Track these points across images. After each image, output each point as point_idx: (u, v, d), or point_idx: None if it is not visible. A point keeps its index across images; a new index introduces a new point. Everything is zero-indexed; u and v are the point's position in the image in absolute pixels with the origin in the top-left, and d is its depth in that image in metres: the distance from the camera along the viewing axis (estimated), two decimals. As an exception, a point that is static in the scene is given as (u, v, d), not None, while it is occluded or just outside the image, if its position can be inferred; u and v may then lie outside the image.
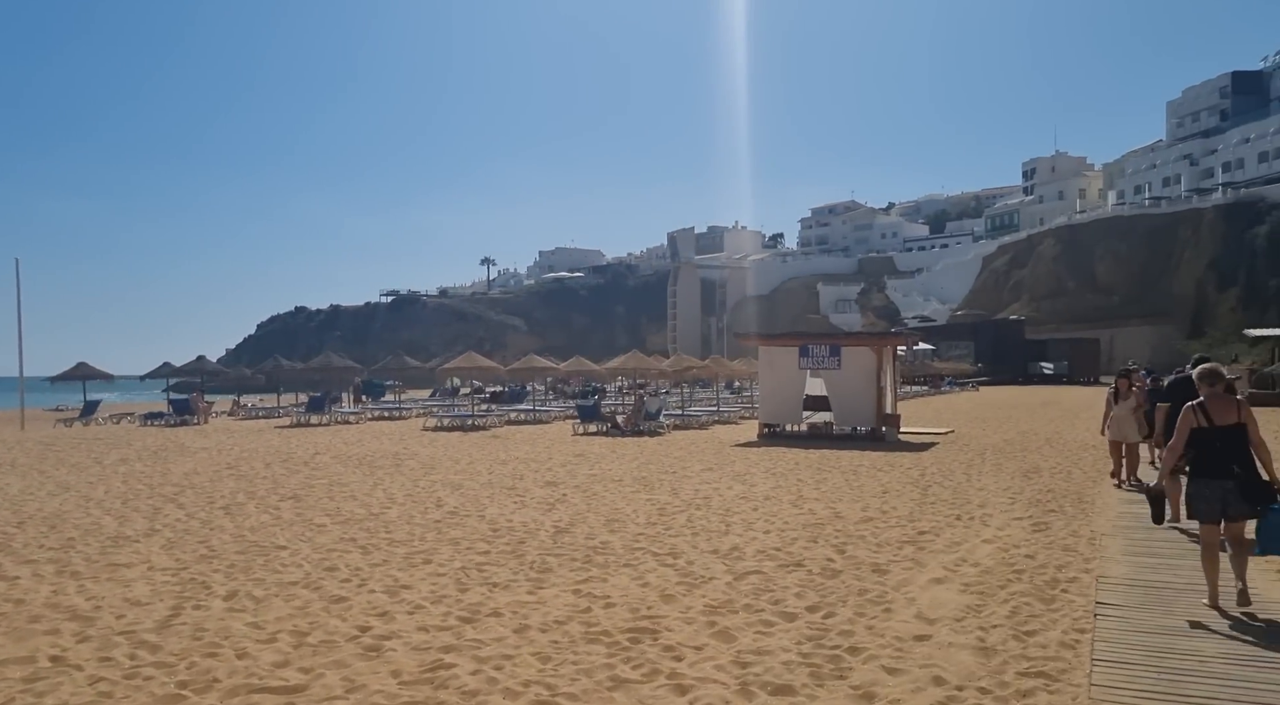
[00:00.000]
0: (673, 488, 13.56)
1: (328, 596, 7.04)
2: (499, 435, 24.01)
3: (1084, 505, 11.58)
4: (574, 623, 6.35)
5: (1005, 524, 10.24)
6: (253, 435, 24.73)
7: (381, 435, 24.41)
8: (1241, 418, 6.49)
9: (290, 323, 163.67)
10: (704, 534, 9.72)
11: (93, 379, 32.05)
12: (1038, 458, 17.70)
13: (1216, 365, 6.96)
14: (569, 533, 9.82)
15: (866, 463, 17.05)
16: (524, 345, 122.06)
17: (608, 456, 18.43)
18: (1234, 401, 6.60)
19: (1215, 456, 6.44)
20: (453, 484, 14.09)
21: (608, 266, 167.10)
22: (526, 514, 11.11)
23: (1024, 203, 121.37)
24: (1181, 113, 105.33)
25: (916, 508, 11.50)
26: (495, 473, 15.60)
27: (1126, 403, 13.20)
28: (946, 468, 16.10)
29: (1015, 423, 28.36)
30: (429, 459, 18.06)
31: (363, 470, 16.10)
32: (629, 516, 10.88)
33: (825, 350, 22.42)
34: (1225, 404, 6.56)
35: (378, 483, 14.27)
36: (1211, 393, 6.64)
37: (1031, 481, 14.09)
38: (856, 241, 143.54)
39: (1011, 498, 12.28)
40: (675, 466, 16.57)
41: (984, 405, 40.58)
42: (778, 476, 14.91)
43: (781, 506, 11.68)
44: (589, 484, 14.01)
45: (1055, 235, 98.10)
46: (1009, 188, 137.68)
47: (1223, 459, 6.41)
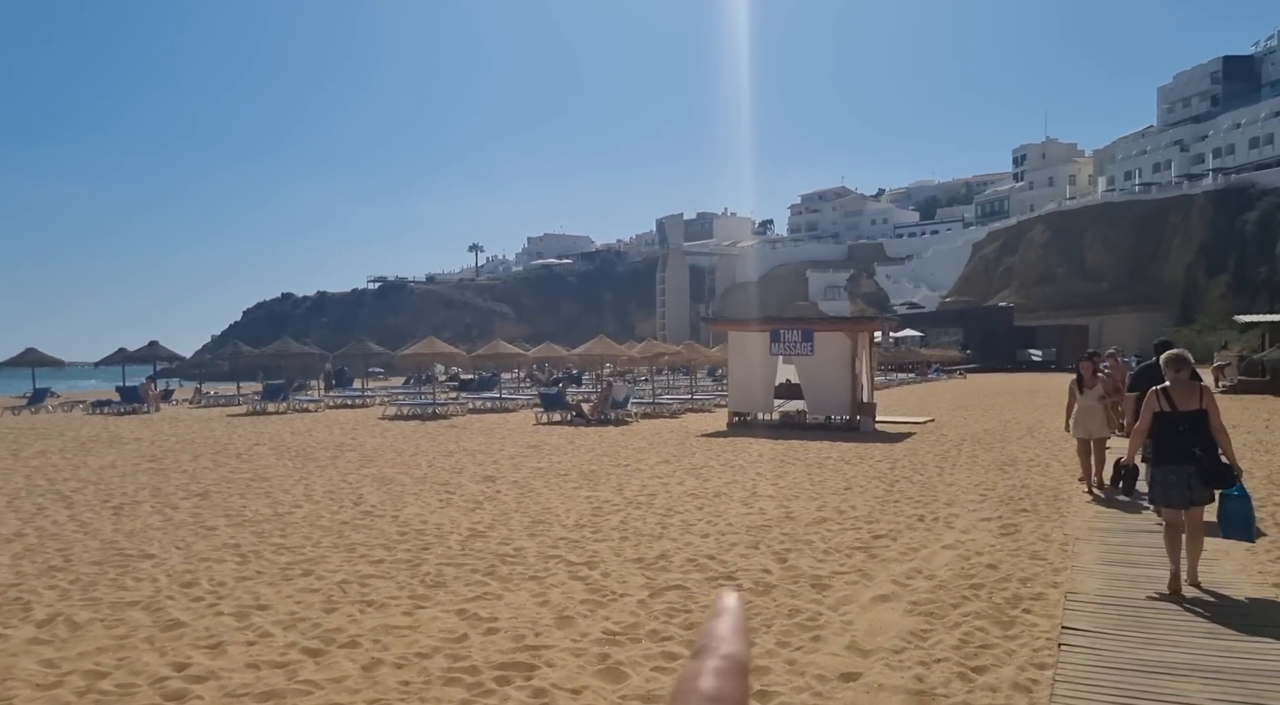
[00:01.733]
0: (619, 483, 12.56)
1: (163, 622, 5.99)
2: (457, 425, 22.96)
3: (1059, 504, 10.61)
4: (440, 656, 5.33)
5: (971, 526, 9.25)
6: (200, 424, 23.63)
7: (335, 424, 23.34)
8: (1203, 404, 6.56)
9: (277, 310, 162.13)
10: (634, 538, 8.71)
11: (42, 366, 30.87)
12: (1016, 449, 16.75)
13: (1182, 351, 6.94)
14: (484, 536, 8.80)
15: (835, 455, 16.07)
16: (512, 332, 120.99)
17: (563, 448, 17.41)
18: (1197, 387, 6.66)
19: (1178, 441, 6.52)
20: (383, 478, 13.06)
21: (596, 253, 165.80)
22: (446, 514, 10.09)
23: (1014, 189, 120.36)
24: (1172, 98, 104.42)
25: (877, 506, 10.51)
26: (435, 466, 14.57)
27: (1093, 391, 11.49)
28: (919, 460, 15.14)
29: (998, 411, 27.43)
30: (372, 450, 17.02)
31: (296, 463, 15.05)
32: (558, 517, 9.87)
33: (797, 335, 21.40)
34: (1188, 390, 6.63)
35: (304, 477, 13.23)
36: (1176, 378, 6.69)
37: (1006, 476, 13.12)
38: (846, 228, 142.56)
39: (982, 495, 11.31)
40: (631, 459, 15.58)
41: (969, 393, 39.67)
42: (736, 470, 13.92)
43: (730, 505, 10.68)
44: (530, 479, 12.99)
45: (1045, 222, 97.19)
46: (999, 174, 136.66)
47: (1186, 444, 6.49)
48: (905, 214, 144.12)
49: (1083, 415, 11.46)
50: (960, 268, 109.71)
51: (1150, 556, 7.61)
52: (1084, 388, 11.53)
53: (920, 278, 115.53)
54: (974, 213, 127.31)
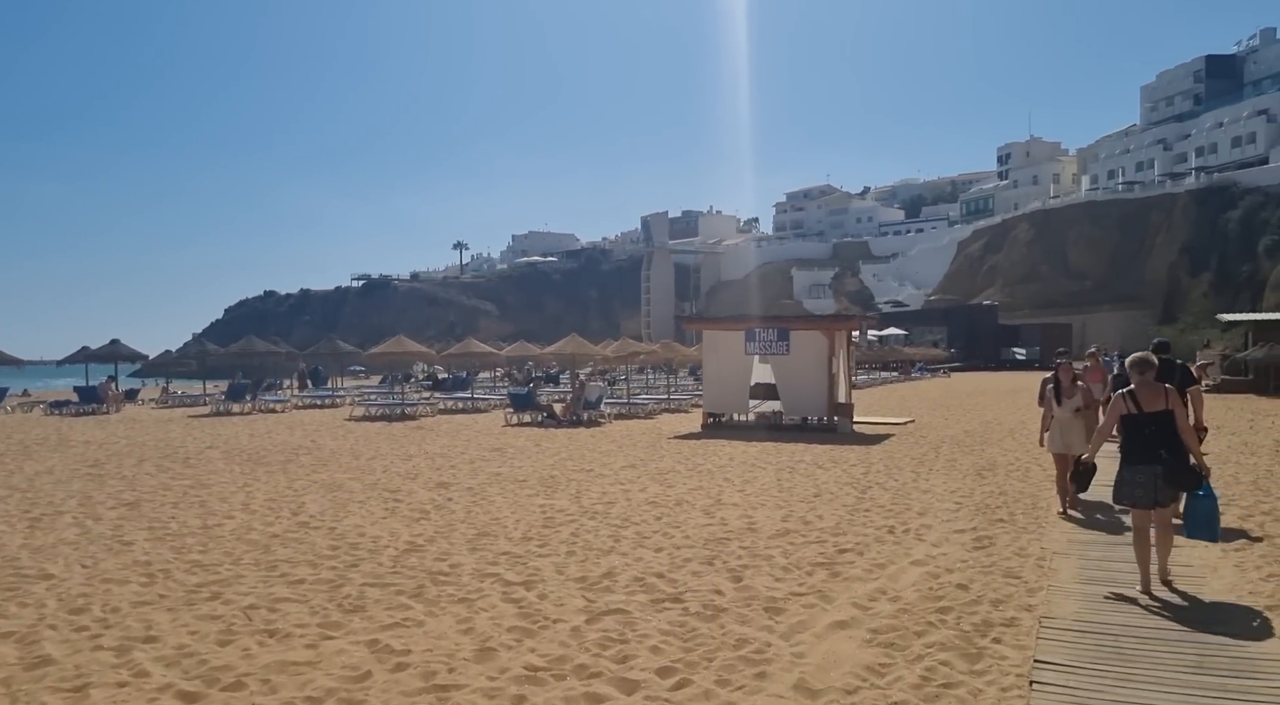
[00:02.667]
0: (578, 490, 11.95)
1: (30, 659, 5.34)
2: (425, 426, 22.28)
3: (1038, 513, 10.06)
4: (332, 700, 4.71)
5: (943, 538, 8.69)
6: (158, 426, 22.85)
7: (299, 426, 22.62)
8: (1169, 404, 6.63)
9: (259, 307, 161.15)
10: (582, 553, 8.10)
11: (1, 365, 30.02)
12: (997, 452, 16.23)
13: (1146, 354, 7.03)
14: (421, 551, 8.18)
15: (809, 458, 15.50)
16: (496, 330, 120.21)
17: (528, 451, 16.79)
18: (1162, 389, 6.72)
19: (1144, 443, 6.60)
20: (332, 485, 12.40)
21: (581, 251, 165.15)
22: (388, 525, 9.45)
23: (999, 187, 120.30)
24: (1155, 97, 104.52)
25: (846, 516, 9.94)
26: (390, 471, 13.93)
27: (1071, 402, 10.00)
28: (895, 464, 14.59)
29: (980, 411, 26.97)
30: (329, 453, 16.34)
31: (245, 468, 14.37)
32: (506, 529, 9.25)
33: (773, 334, 20.81)
34: (1154, 391, 6.69)
35: (248, 484, 12.56)
36: (1142, 380, 6.75)
37: (984, 482, 12.58)
38: (832, 226, 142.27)
39: (958, 503, 10.75)
40: (596, 463, 14.97)
41: (952, 392, 39.26)
42: (703, 475, 13.33)
43: (691, 514, 10.09)
44: (486, 485, 12.37)
45: (1029, 220, 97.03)
46: (985, 173, 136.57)
47: (1152, 445, 6.57)
48: (890, 212, 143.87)
49: (1059, 429, 10.04)
50: (945, 266, 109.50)
51: (1132, 573, 7.07)
52: (1061, 397, 10.02)
53: (905, 276, 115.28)
54: (959, 211, 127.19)
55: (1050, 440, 10.18)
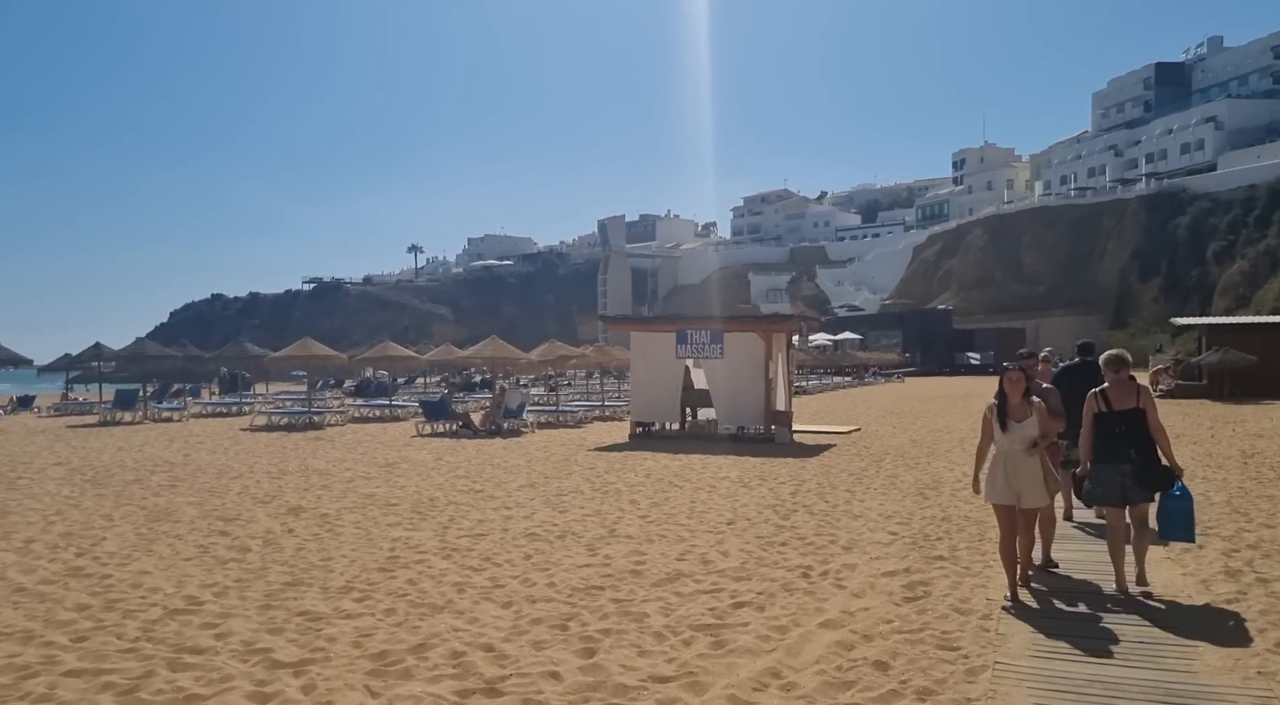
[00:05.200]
0: (452, 517, 10.13)
1: None
2: (326, 436, 20.26)
3: (984, 546, 8.42)
4: None
5: (868, 585, 7.00)
6: (23, 438, 20.59)
7: (182, 437, 20.46)
8: (1140, 403, 6.53)
9: (206, 311, 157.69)
10: (405, 611, 6.30)
11: None
12: (943, 465, 14.67)
13: (1121, 351, 6.80)
14: (193, 612, 6.28)
15: (735, 474, 13.82)
16: (451, 334, 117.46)
17: (424, 466, 14.92)
18: (1134, 387, 6.60)
19: (1114, 441, 6.50)
20: (159, 512, 10.44)
21: (538, 254, 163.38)
22: (183, 570, 7.56)
23: (954, 193, 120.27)
24: (1106, 104, 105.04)
25: (757, 552, 8.23)
26: (246, 493, 11.98)
27: (1021, 427, 6.48)
28: (830, 481, 12.95)
29: (931, 418, 25.54)
30: (194, 470, 14.34)
31: (76, 490, 12.35)
32: (331, 574, 7.41)
33: (706, 336, 19.13)
34: (1124, 389, 6.60)
35: (60, 511, 10.57)
36: (1115, 379, 6.63)
37: (926, 502, 10.96)
38: (789, 230, 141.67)
39: (892, 533, 9.09)
40: (494, 480, 13.17)
41: (904, 398, 37.96)
42: (607, 497, 11.57)
43: (572, 551, 8.33)
44: (346, 511, 10.50)
45: (984, 225, 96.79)
46: (940, 179, 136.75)
47: (1122, 444, 6.47)
48: (847, 217, 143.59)
49: (1005, 467, 6.53)
50: (901, 270, 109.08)
51: (1107, 642, 5.43)
52: (1007, 420, 6.53)
53: (862, 280, 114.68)
54: (915, 216, 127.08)
55: (989, 485, 6.62)
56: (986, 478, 6.69)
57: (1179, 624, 5.81)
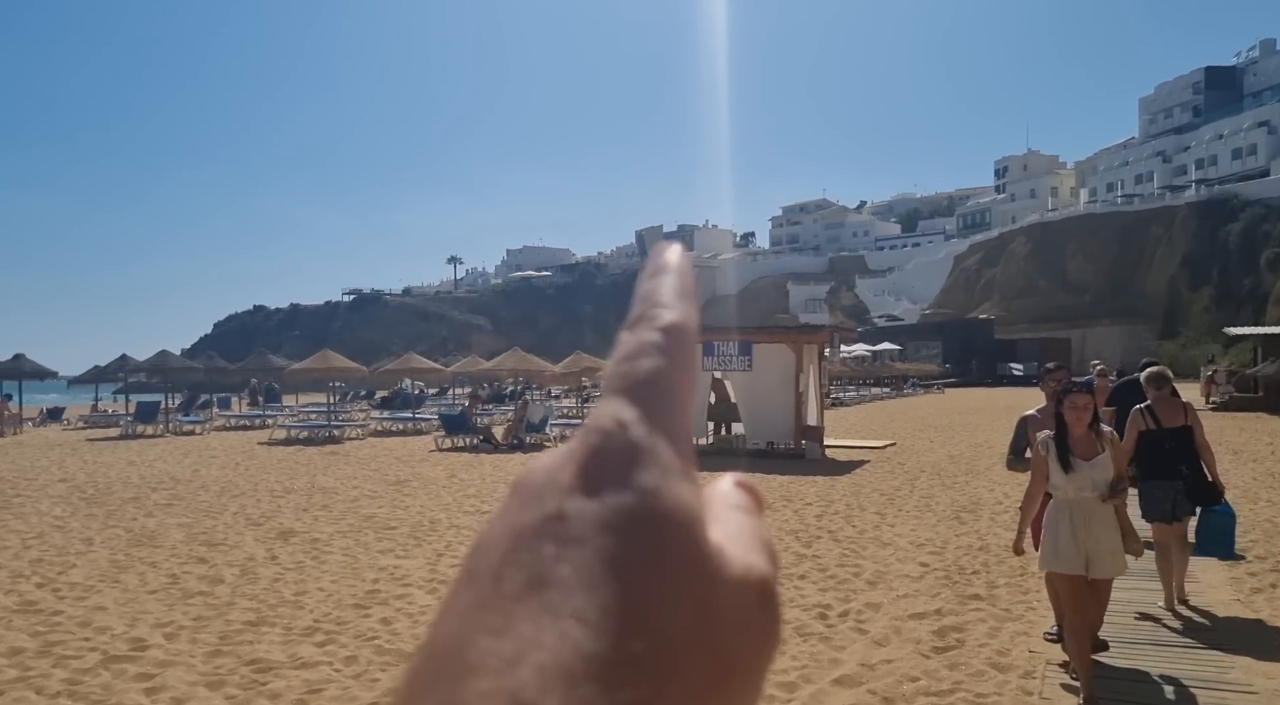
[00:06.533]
0: (449, 543, 9.46)
1: None
2: (343, 451, 19.75)
3: (1026, 581, 7.59)
4: None
5: (892, 630, 6.21)
6: (38, 452, 20.29)
7: (197, 451, 20.03)
8: (1188, 420, 6.44)
9: (249, 322, 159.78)
10: (367, 660, 5.62)
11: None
12: (982, 485, 13.78)
13: (1163, 368, 6.78)
14: (122, 662, 5.68)
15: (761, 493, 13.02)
16: (489, 345, 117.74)
17: (435, 484, 14.30)
18: (1181, 404, 6.54)
19: (1164, 458, 6.38)
20: (144, 535, 9.89)
21: (576, 265, 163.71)
22: (142, 606, 6.96)
23: (996, 201, 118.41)
24: (1154, 109, 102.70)
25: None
26: (242, 513, 11.42)
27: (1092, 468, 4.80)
28: (859, 502, 12.13)
29: (971, 432, 24.52)
30: (196, 488, 13.82)
31: (69, 509, 11.87)
32: (303, 610, 6.77)
33: (733, 348, 18.36)
34: (1173, 407, 6.51)
35: (42, 534, 10.07)
36: (1159, 396, 6.56)
37: (963, 528, 10.12)
38: (828, 240, 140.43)
39: (923, 565, 8.27)
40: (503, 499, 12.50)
41: (944, 410, 36.79)
42: (619, 520, 10.85)
43: (569, 584, 7.62)
44: (339, 536, 9.88)
45: (1027, 233, 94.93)
46: (982, 188, 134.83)
47: (1171, 460, 6.35)
48: (887, 226, 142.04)
49: (1069, 520, 4.80)
50: (941, 280, 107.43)
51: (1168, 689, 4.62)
52: (1070, 457, 4.81)
53: (901, 290, 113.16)
54: (955, 225, 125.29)
55: (1047, 547, 4.90)
56: (1044, 537, 4.92)
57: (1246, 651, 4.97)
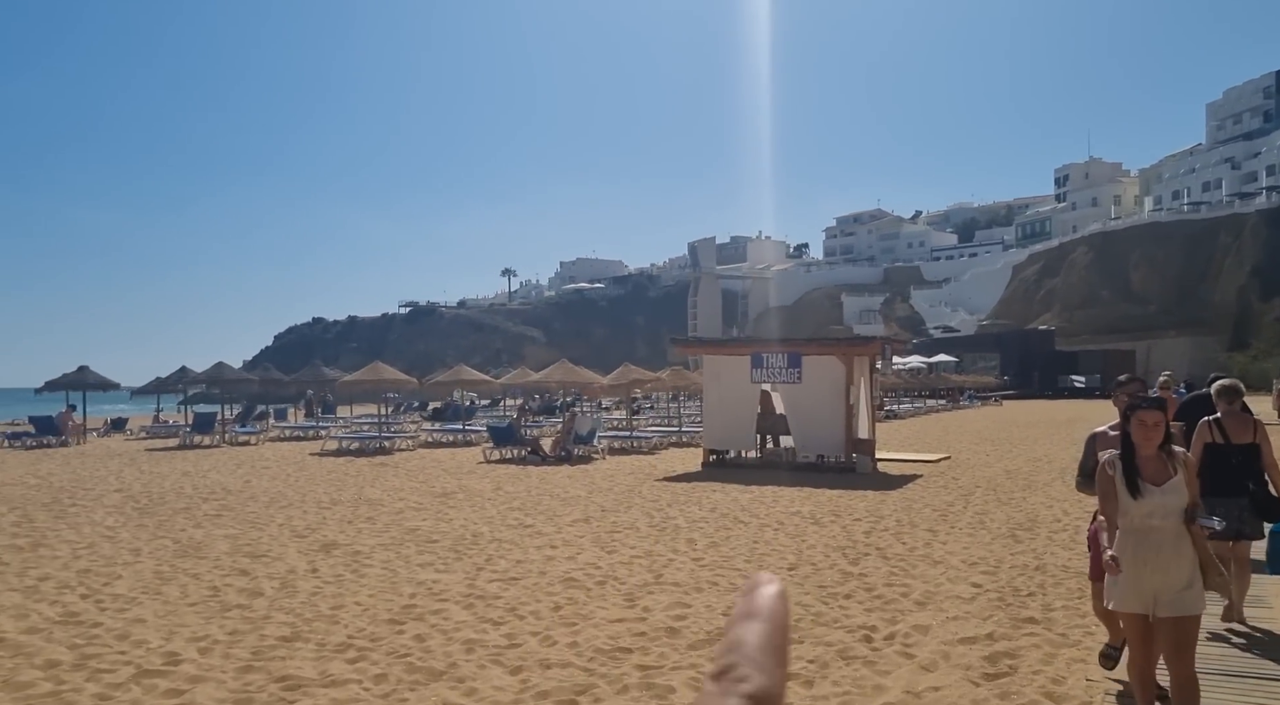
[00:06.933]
0: (491, 556, 9.38)
1: None
2: (391, 463, 19.85)
3: (1085, 602, 7.24)
4: None
5: (940, 655, 5.95)
6: (99, 461, 20.73)
7: (250, 462, 20.30)
8: (1256, 437, 6.21)
9: (308, 334, 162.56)
10: (397, 679, 5.52)
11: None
12: (1040, 500, 13.33)
13: (1235, 382, 6.55)
14: (153, 678, 5.66)
15: (808, 508, 12.77)
16: (542, 357, 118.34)
17: (481, 496, 14.27)
18: (1250, 420, 6.29)
19: (1230, 474, 6.18)
20: (190, 546, 9.97)
21: (628, 277, 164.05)
22: (178, 619, 6.96)
23: (1056, 210, 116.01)
24: (1222, 115, 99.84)
25: (817, 606, 7.23)
26: (289, 524, 11.48)
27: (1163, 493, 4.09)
28: (910, 518, 11.80)
29: (1029, 446, 23.85)
30: (246, 499, 13.95)
31: (121, 519, 12.05)
32: (339, 625, 6.72)
33: (783, 360, 18.10)
34: (1242, 422, 6.29)
35: (92, 544, 10.22)
36: (1230, 410, 6.32)
37: (1018, 546, 9.76)
38: (882, 251, 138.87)
39: (976, 585, 7.97)
40: (548, 513, 12.41)
41: (1001, 422, 35.95)
42: (664, 535, 10.67)
43: (608, 602, 7.47)
44: (382, 548, 9.86)
45: (1088, 243, 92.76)
46: (1041, 197, 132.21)
47: (1238, 477, 6.15)
48: (943, 236, 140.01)
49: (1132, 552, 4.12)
50: (1000, 291, 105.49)
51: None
52: (1139, 482, 4.12)
53: (958, 301, 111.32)
54: (1014, 235, 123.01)
55: (1117, 588, 4.18)
56: (1116, 581, 4.18)
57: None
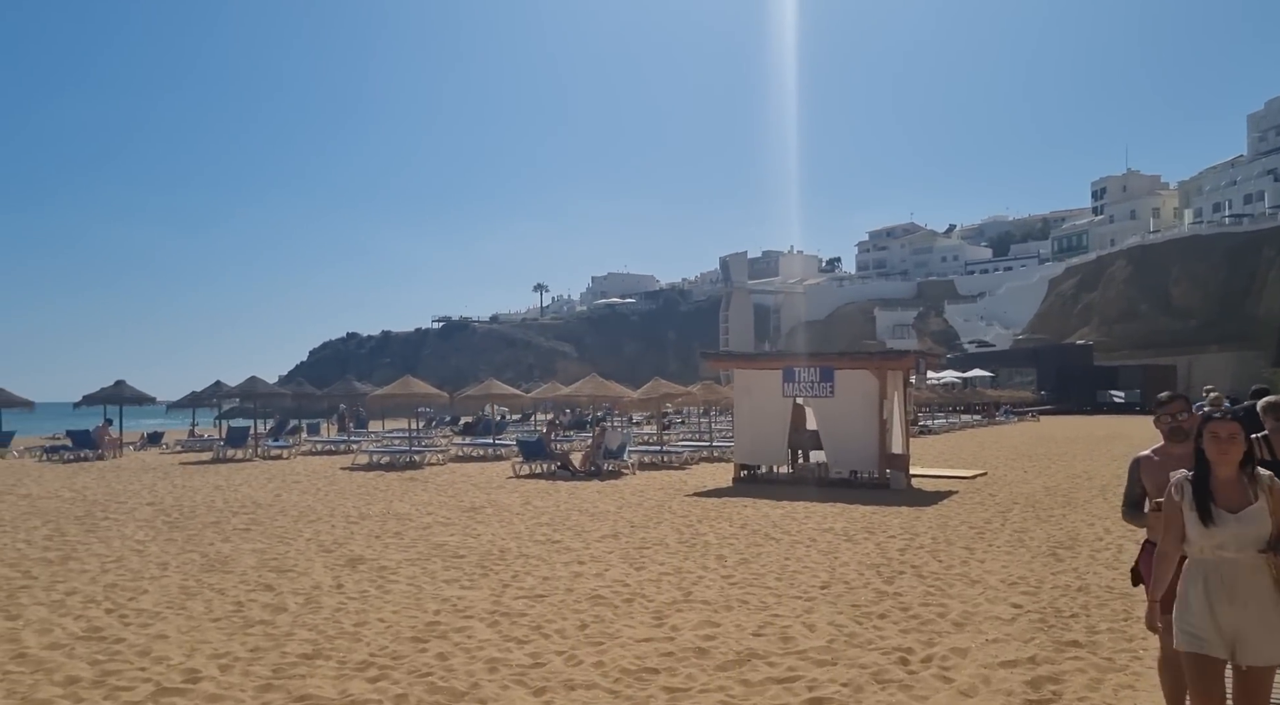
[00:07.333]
0: (517, 573, 9.26)
1: None
2: (421, 477, 19.82)
3: (1131, 626, 6.98)
4: None
5: (980, 679, 5.72)
6: (132, 475, 20.90)
7: (281, 476, 20.37)
8: None
9: (342, 349, 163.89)
10: (418, 699, 5.40)
11: (11, 406, 28.79)
12: (1081, 518, 12.98)
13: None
14: (174, 696, 5.58)
15: (841, 524, 12.53)
16: (574, 372, 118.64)
17: (510, 511, 14.16)
18: None
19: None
20: (218, 560, 9.95)
21: (660, 292, 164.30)
22: (201, 635, 6.88)
23: (1093, 223, 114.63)
24: (1264, 126, 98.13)
25: (850, 626, 7.02)
26: (316, 539, 11.43)
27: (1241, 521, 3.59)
28: (946, 535, 11.52)
29: (1068, 462, 23.37)
30: (275, 513, 13.95)
31: (152, 532, 12.07)
32: (361, 642, 6.61)
33: (815, 374, 17.87)
34: None
35: (121, 557, 10.23)
36: (1276, 427, 5.61)
37: (1060, 565, 9.47)
38: (915, 265, 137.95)
39: (1016, 606, 7.71)
40: (576, 529, 12.27)
41: (1038, 439, 35.35)
42: (692, 552, 10.48)
43: (635, 621, 7.30)
44: (408, 563, 9.77)
45: (1127, 256, 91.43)
46: (1077, 210, 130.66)
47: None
48: (977, 250, 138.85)
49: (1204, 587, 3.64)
50: (1036, 305, 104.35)
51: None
52: (1214, 505, 3.63)
53: (993, 315, 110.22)
54: (1050, 248, 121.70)
55: (1181, 619, 3.72)
56: (1177, 607, 3.73)
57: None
